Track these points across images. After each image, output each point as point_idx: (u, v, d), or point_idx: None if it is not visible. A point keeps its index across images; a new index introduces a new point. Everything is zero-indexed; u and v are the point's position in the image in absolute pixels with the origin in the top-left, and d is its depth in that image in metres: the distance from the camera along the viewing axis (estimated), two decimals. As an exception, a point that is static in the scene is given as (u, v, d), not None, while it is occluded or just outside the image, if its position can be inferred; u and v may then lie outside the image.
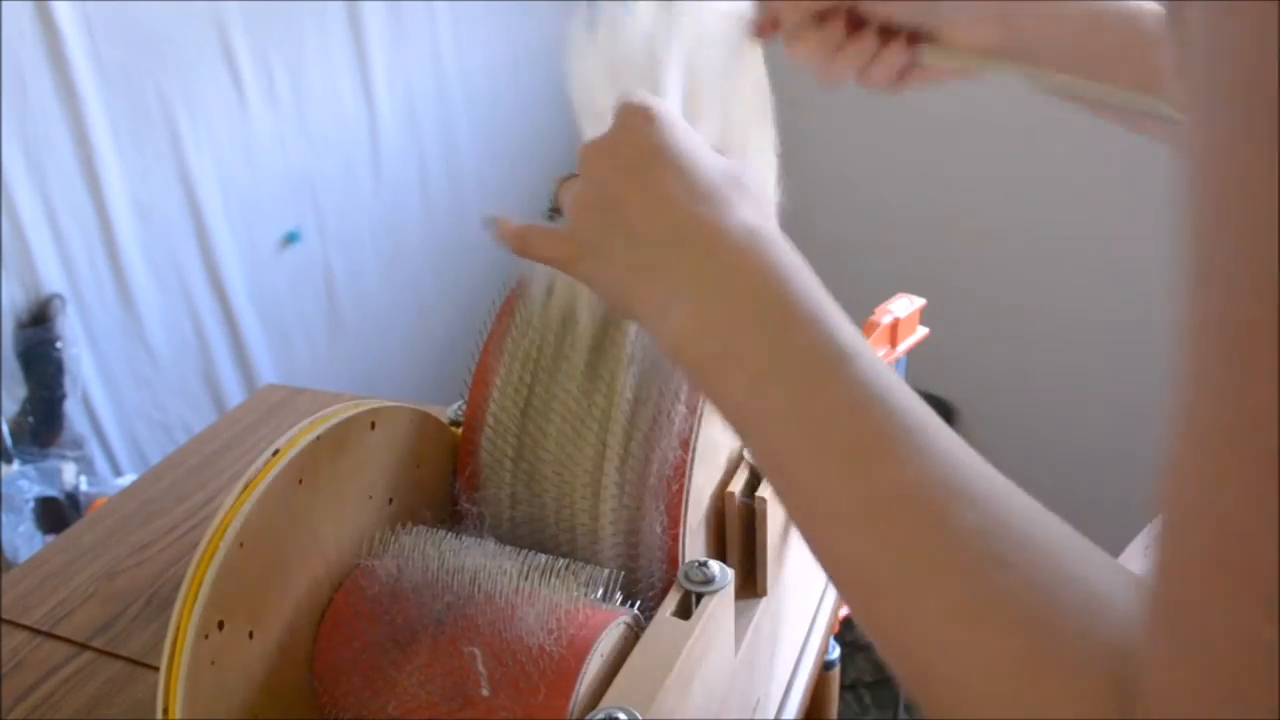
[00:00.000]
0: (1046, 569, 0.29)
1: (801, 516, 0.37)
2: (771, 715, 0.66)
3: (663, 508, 0.53)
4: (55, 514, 1.38)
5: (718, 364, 0.39)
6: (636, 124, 0.45)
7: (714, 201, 0.43)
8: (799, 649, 0.72)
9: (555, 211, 0.51)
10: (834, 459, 0.35)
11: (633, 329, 0.55)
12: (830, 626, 0.76)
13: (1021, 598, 0.29)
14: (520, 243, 0.49)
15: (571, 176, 0.49)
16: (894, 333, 1.02)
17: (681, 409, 0.53)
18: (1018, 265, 1.94)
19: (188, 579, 0.43)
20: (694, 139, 0.45)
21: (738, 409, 0.39)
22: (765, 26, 0.58)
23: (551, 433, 0.56)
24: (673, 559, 0.53)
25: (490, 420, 0.57)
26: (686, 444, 0.53)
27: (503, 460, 0.57)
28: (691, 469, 0.53)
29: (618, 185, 0.44)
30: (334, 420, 0.49)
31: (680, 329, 0.41)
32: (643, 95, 0.46)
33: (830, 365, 0.36)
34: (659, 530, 0.53)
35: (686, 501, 0.53)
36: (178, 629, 0.43)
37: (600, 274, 0.46)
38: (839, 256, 1.73)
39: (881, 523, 0.33)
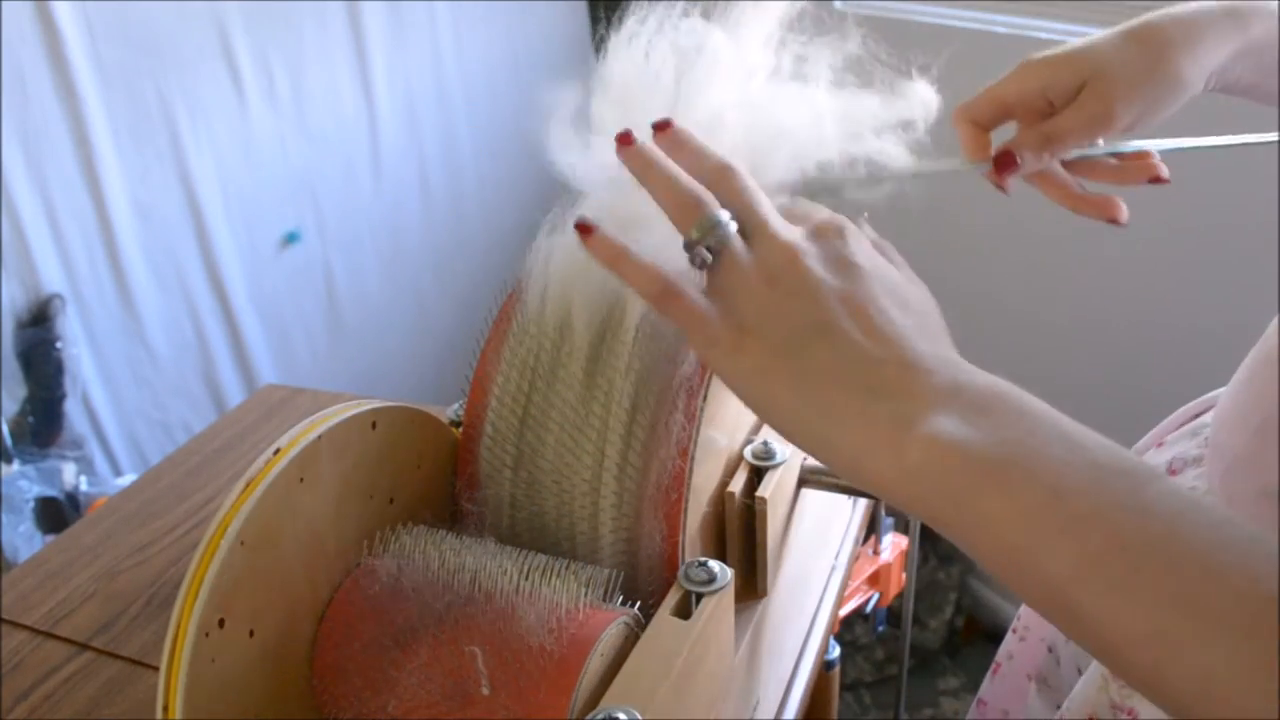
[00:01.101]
0: None
1: (1145, 624, 0.32)
2: (771, 715, 0.66)
3: (661, 516, 0.53)
4: (55, 514, 1.39)
5: (995, 478, 0.34)
6: (847, 241, 0.41)
7: (939, 338, 0.40)
8: (799, 649, 0.72)
9: (701, 250, 0.41)
10: (1193, 563, 0.31)
11: (630, 336, 0.55)
12: (830, 626, 0.76)
13: None
14: (659, 292, 0.41)
15: (729, 234, 0.41)
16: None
17: (679, 418, 0.53)
18: (1017, 266, 1.94)
19: (189, 577, 0.43)
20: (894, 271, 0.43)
21: (1024, 528, 0.34)
22: (1004, 168, 0.59)
23: (550, 442, 0.55)
24: (672, 565, 0.53)
25: (488, 429, 0.57)
26: (685, 453, 0.53)
27: (501, 469, 0.57)
28: (690, 478, 0.53)
29: (823, 295, 0.39)
30: (335, 420, 0.49)
31: (934, 446, 0.35)
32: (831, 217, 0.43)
33: (1143, 472, 0.34)
34: (658, 539, 0.53)
35: (685, 510, 0.53)
36: (178, 626, 0.43)
37: (782, 387, 0.39)
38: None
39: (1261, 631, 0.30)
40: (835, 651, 0.90)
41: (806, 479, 0.65)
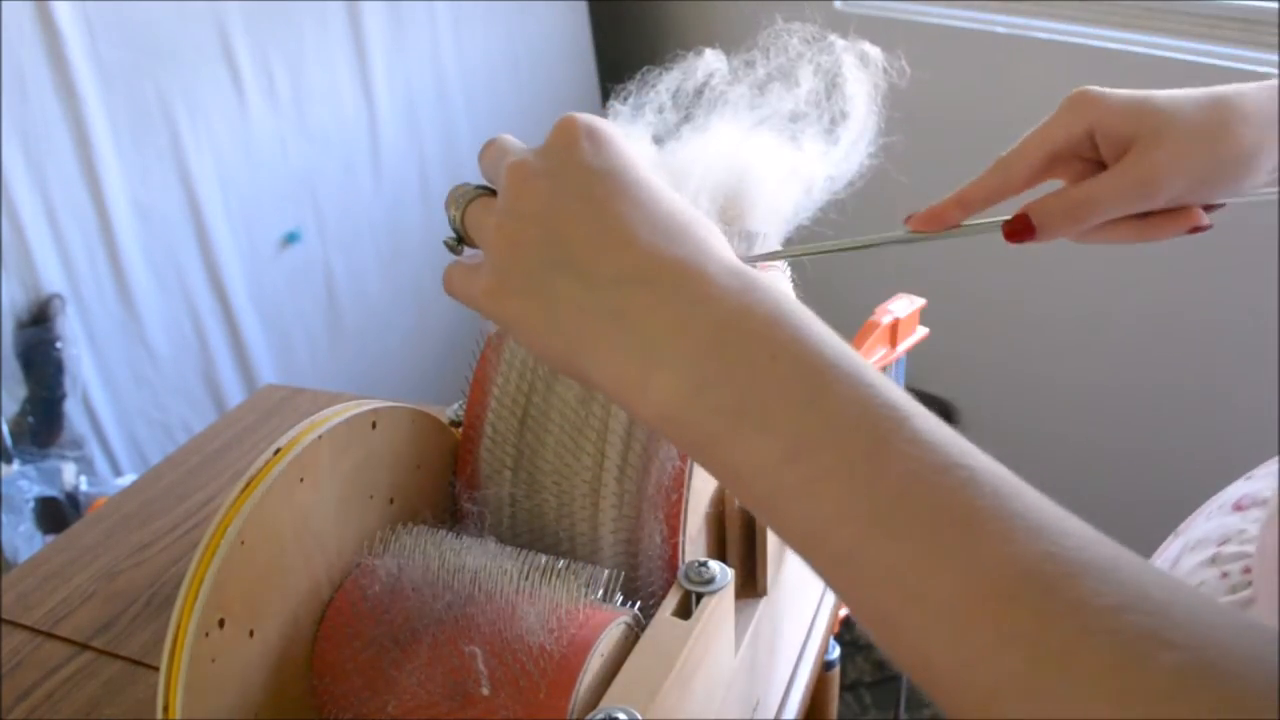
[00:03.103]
0: (1208, 640, 0.25)
1: (870, 605, 0.30)
2: (771, 715, 0.66)
3: (662, 518, 0.53)
4: (55, 514, 1.39)
5: (732, 430, 0.32)
6: (578, 145, 0.37)
7: (687, 240, 0.36)
8: (799, 649, 0.72)
9: (459, 242, 0.43)
10: (919, 536, 0.29)
11: None
12: (830, 626, 0.76)
13: (1201, 679, 0.24)
14: (446, 281, 0.42)
15: (478, 194, 0.41)
16: (894, 333, 1.02)
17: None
18: (1017, 265, 1.94)
19: (188, 576, 0.43)
20: (647, 167, 0.38)
21: (764, 483, 0.32)
22: (1018, 234, 0.52)
23: (550, 442, 0.55)
24: (672, 566, 0.53)
25: (488, 430, 0.57)
26: (684, 454, 0.53)
27: (501, 470, 0.57)
28: (690, 479, 0.53)
29: (559, 215, 0.36)
30: (335, 420, 0.49)
31: (671, 390, 0.33)
32: (584, 115, 0.39)
33: (890, 422, 0.31)
34: (659, 540, 0.53)
35: (686, 511, 0.53)
36: (178, 626, 0.43)
37: (534, 319, 0.37)
38: (838, 256, 1.72)
39: (1000, 612, 0.27)
40: (835, 651, 0.90)
41: (806, 479, 0.65)
